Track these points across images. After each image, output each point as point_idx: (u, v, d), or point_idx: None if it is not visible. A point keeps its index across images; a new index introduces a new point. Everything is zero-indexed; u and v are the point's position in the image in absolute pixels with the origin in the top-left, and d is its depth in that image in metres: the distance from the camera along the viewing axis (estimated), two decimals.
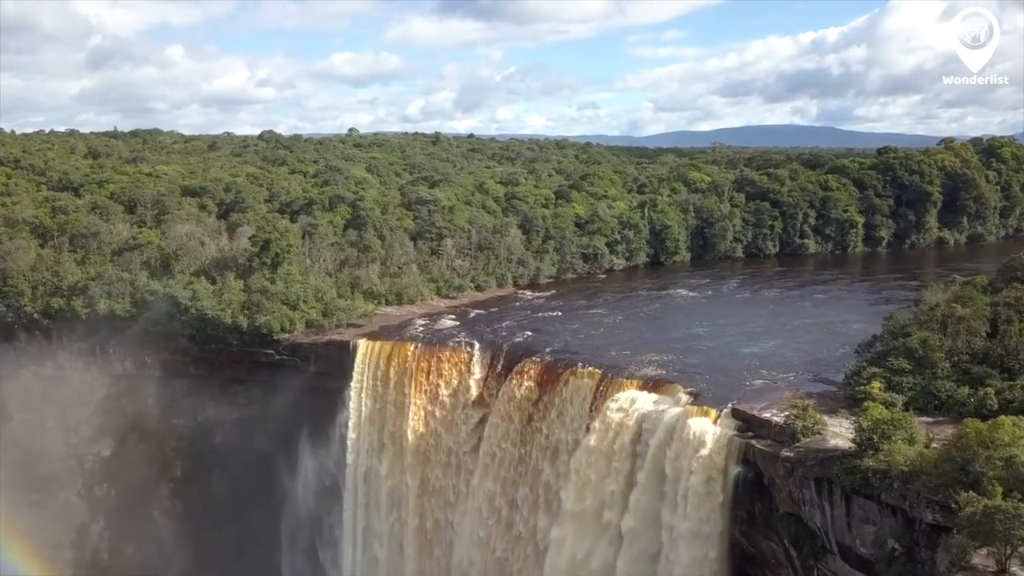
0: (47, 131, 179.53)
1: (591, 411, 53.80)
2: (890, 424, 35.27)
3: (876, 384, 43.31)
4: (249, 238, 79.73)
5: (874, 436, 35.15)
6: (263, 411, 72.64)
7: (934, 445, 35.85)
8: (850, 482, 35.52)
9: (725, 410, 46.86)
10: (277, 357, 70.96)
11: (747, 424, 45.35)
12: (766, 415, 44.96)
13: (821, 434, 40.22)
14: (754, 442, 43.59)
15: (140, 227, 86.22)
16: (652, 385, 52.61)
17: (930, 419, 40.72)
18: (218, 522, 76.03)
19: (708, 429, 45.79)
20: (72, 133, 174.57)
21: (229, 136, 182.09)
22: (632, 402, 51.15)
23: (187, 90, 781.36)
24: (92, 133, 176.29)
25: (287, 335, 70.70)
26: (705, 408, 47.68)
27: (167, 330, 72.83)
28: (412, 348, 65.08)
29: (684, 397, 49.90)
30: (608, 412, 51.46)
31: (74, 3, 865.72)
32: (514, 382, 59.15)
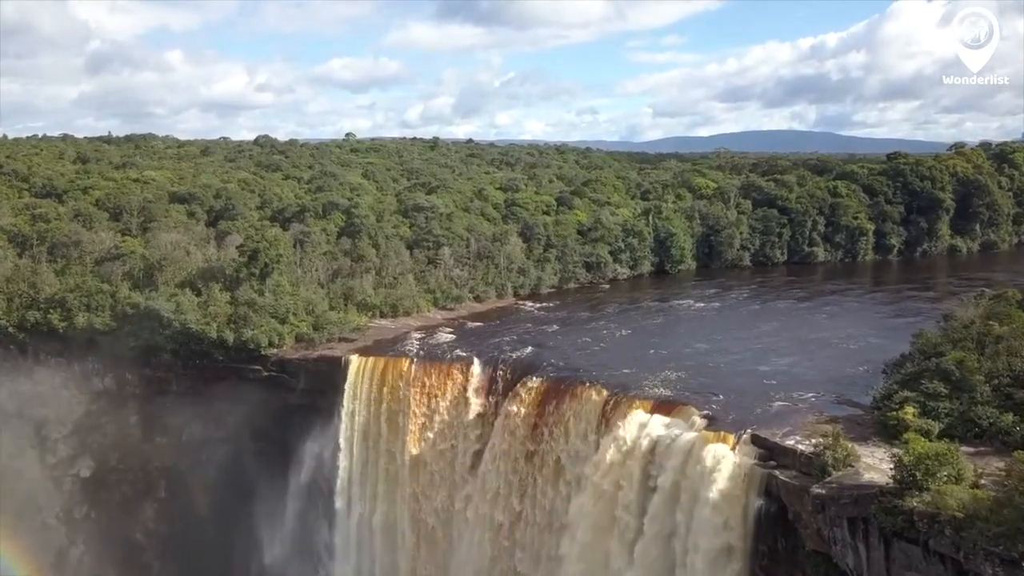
0: (41, 135, 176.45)
1: (597, 434, 50.29)
2: (935, 459, 31.74)
3: (910, 409, 39.81)
4: (237, 247, 76.23)
5: (917, 473, 31.64)
6: (251, 430, 68.91)
7: (982, 482, 32.41)
8: (890, 524, 31.98)
9: (744, 436, 43.32)
10: (265, 373, 67.13)
11: (769, 452, 41.78)
12: (789, 442, 41.44)
13: (853, 466, 36.65)
14: (777, 472, 40.03)
15: (125, 235, 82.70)
16: (663, 407, 49.09)
17: (971, 449, 37.20)
18: (204, 544, 72.67)
19: (726, 457, 42.27)
20: (65, 138, 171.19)
21: (225, 141, 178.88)
22: (642, 426, 47.63)
23: (186, 95, 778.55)
24: (86, 138, 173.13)
25: (275, 350, 67.04)
26: (722, 433, 44.11)
27: (149, 345, 69.19)
28: (407, 364, 61.49)
29: (698, 421, 46.35)
30: (616, 436, 47.98)
31: (73, 7, 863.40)
32: (515, 401, 55.66)
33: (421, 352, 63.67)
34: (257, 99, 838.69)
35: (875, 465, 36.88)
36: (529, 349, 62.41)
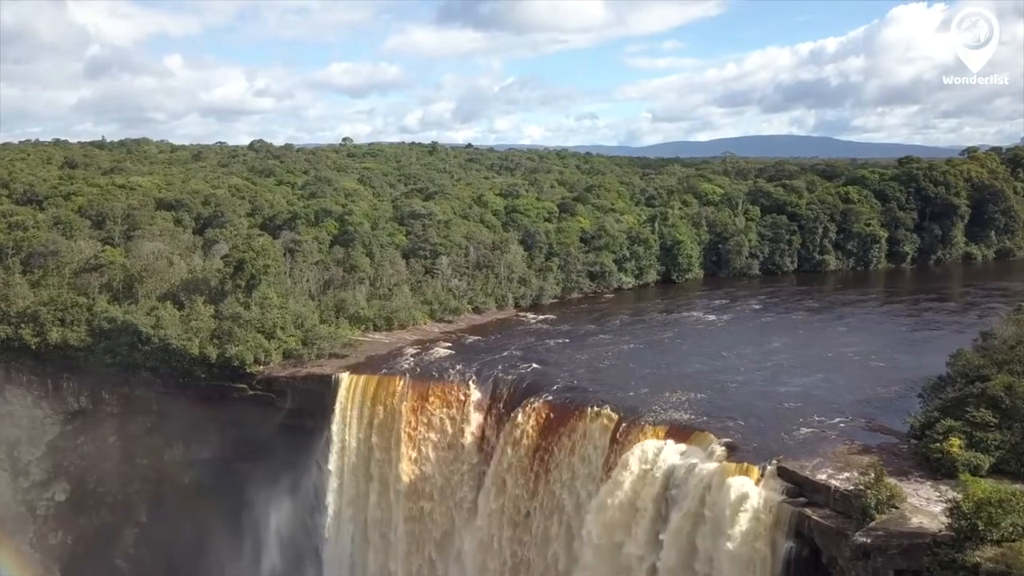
0: (33, 141, 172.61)
1: (607, 463, 46.41)
2: (998, 506, 27.89)
3: (955, 441, 36.04)
4: (222, 257, 72.30)
5: (978, 522, 27.79)
6: (235, 452, 64.90)
7: None
8: None
9: (770, 468, 39.46)
10: (250, 392, 63.00)
11: (798, 487, 37.94)
12: (821, 476, 37.59)
13: (898, 508, 32.75)
14: (808, 511, 36.16)
15: (106, 245, 78.70)
16: (678, 433, 45.21)
17: None
18: (188, 571, 68.53)
19: (750, 491, 38.40)
20: (57, 143, 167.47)
21: (220, 146, 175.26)
22: (656, 454, 43.77)
23: (185, 100, 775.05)
24: (78, 143, 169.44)
25: (261, 367, 63.03)
26: (745, 465, 40.25)
27: (127, 362, 65.19)
28: (401, 383, 57.54)
29: (718, 450, 42.46)
30: (628, 465, 44.09)
31: (73, 12, 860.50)
32: (517, 426, 51.76)
33: (417, 369, 59.77)
34: (256, 104, 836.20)
35: (923, 507, 33.01)
36: (532, 366, 58.78)
